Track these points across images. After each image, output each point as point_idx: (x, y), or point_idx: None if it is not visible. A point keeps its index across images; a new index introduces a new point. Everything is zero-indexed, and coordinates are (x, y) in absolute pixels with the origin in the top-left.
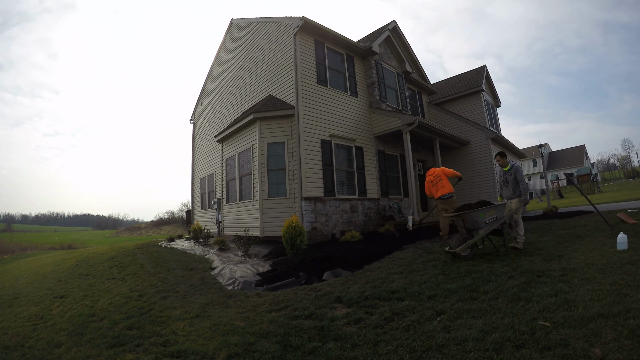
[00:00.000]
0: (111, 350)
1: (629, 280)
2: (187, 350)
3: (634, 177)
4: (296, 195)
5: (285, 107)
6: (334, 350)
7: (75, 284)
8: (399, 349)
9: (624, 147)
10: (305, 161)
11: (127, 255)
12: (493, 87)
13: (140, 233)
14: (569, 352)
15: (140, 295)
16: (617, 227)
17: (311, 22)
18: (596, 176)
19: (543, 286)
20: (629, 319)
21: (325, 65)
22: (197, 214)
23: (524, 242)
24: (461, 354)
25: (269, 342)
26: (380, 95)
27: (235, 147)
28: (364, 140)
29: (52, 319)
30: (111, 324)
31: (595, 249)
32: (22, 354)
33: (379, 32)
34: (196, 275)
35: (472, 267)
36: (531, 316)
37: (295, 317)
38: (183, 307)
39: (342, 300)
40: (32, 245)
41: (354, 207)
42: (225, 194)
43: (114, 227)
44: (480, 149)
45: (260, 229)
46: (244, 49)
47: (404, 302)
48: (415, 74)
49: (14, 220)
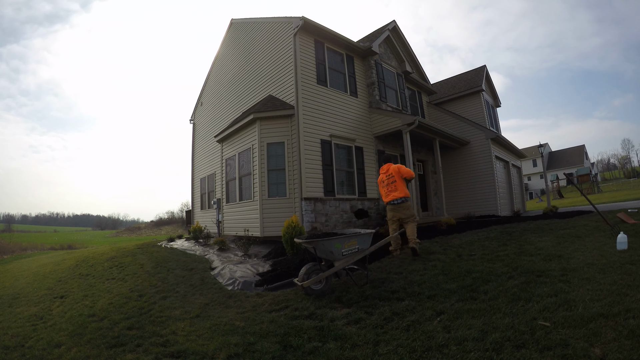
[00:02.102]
0: (111, 350)
1: (629, 280)
2: (187, 351)
3: (634, 177)
4: (296, 195)
5: (285, 107)
6: (334, 351)
7: (75, 284)
8: (399, 349)
9: (624, 147)
10: (305, 161)
11: (127, 256)
12: (493, 87)
13: (140, 233)
14: (569, 352)
15: (140, 295)
16: (617, 227)
17: (311, 22)
18: (596, 176)
19: (543, 286)
20: (629, 319)
21: (325, 65)
22: (197, 214)
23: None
24: (461, 354)
25: (269, 342)
26: (380, 95)
27: (235, 147)
28: (364, 140)
29: (52, 319)
30: (111, 324)
31: (595, 249)
32: (22, 354)
33: (378, 32)
34: (196, 276)
35: (472, 267)
36: (531, 316)
37: (295, 317)
38: (183, 307)
39: (342, 300)
40: (32, 245)
41: (354, 207)
42: (225, 194)
43: (113, 227)
44: (480, 149)
45: (260, 229)
46: (244, 49)
47: (403, 302)
48: (415, 74)
49: (13, 221)
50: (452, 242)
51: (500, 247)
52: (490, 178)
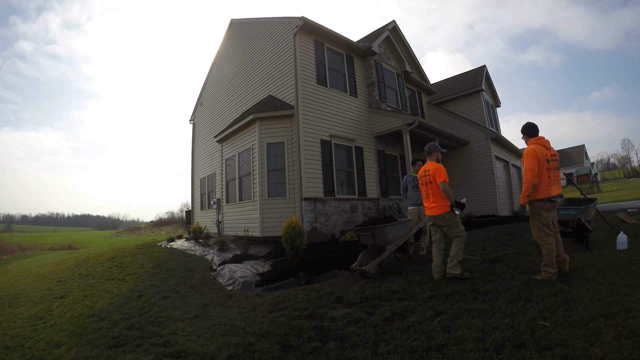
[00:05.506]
0: (111, 350)
1: (629, 280)
2: (187, 351)
3: (633, 177)
4: (296, 196)
5: (285, 107)
6: (334, 351)
7: (75, 284)
8: (398, 349)
9: (624, 147)
10: (305, 161)
11: (127, 256)
12: (493, 87)
13: (140, 233)
14: (569, 352)
15: (140, 295)
16: (616, 227)
17: (311, 22)
18: (596, 176)
19: (543, 286)
20: (629, 319)
21: (324, 66)
22: (197, 214)
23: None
24: (461, 354)
25: (269, 343)
26: (380, 95)
27: (235, 147)
28: (364, 140)
29: (52, 320)
30: (111, 325)
31: (595, 248)
32: (22, 354)
33: (378, 32)
34: (196, 276)
35: (472, 267)
36: (531, 316)
37: (295, 317)
38: (183, 308)
39: (342, 301)
40: (32, 245)
41: (354, 207)
42: (225, 194)
43: (113, 228)
44: (480, 149)
45: (260, 229)
46: (244, 49)
47: (403, 302)
48: (415, 74)
49: (13, 221)
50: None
51: (500, 247)
52: (490, 178)
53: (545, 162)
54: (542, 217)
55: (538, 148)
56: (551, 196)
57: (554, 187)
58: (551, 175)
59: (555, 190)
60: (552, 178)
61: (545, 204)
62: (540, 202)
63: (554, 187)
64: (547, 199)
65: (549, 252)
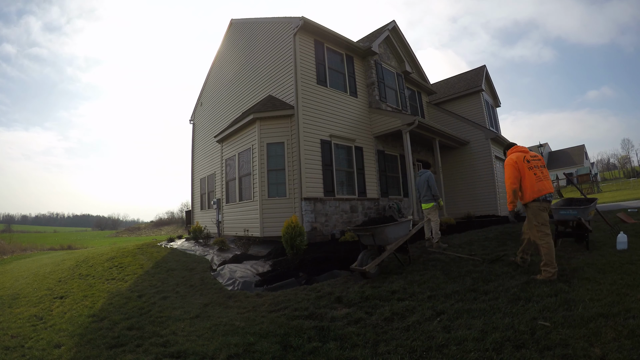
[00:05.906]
0: (111, 350)
1: (629, 280)
2: (187, 351)
3: (633, 177)
4: (296, 196)
5: (285, 107)
6: (334, 351)
7: (75, 284)
8: (398, 349)
9: (624, 146)
10: (305, 161)
11: (127, 256)
12: (493, 87)
13: (140, 233)
14: (569, 352)
15: (140, 295)
16: (616, 226)
17: (311, 22)
18: (596, 176)
19: (543, 286)
20: (629, 319)
21: (324, 66)
22: (197, 214)
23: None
24: (461, 354)
25: (269, 343)
26: (380, 95)
27: (235, 147)
28: (364, 141)
29: (52, 320)
30: (111, 325)
31: (595, 248)
32: (22, 354)
33: (378, 32)
34: (196, 276)
35: (473, 267)
36: (531, 316)
37: (295, 317)
38: (183, 308)
39: (342, 301)
40: (32, 245)
41: (354, 207)
42: (225, 194)
43: (113, 228)
44: (480, 148)
45: (260, 229)
46: (244, 49)
47: (403, 302)
48: (415, 74)
49: (13, 221)
50: (451, 242)
51: (500, 247)
52: (490, 178)
53: (525, 163)
54: (539, 217)
55: (515, 155)
56: (545, 194)
57: (543, 182)
58: (537, 172)
59: (547, 186)
60: (539, 175)
61: (542, 204)
62: (536, 203)
63: (544, 182)
64: (543, 198)
65: (549, 252)
